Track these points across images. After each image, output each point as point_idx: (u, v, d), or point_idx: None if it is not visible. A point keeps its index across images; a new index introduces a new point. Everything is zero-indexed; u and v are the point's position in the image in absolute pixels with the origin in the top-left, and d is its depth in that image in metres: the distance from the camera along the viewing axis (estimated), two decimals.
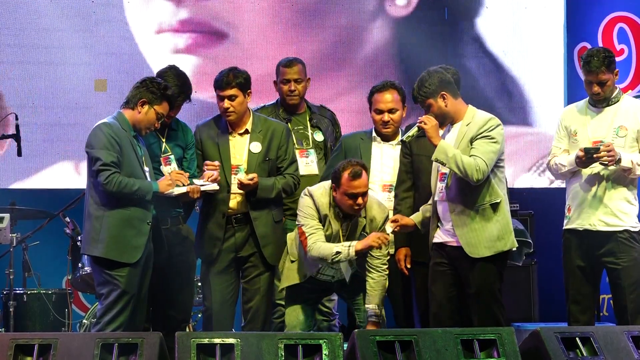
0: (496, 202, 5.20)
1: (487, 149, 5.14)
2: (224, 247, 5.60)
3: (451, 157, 5.09)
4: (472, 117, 5.26)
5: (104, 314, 5.17)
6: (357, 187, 5.28)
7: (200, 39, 7.84)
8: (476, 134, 5.17)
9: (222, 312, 5.60)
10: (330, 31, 7.98)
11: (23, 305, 6.79)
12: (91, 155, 5.21)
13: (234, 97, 5.58)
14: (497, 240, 5.19)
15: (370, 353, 4.53)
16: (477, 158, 5.10)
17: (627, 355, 4.73)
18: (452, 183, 5.19)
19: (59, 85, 7.74)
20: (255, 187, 5.50)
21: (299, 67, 6.15)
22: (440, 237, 5.28)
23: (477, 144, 5.16)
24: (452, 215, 5.19)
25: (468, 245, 5.16)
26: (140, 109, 5.29)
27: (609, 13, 8.19)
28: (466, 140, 5.19)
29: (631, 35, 8.17)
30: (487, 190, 5.20)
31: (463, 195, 5.17)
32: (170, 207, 5.52)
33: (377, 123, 5.83)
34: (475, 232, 5.17)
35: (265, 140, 5.67)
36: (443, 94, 5.22)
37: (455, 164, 5.08)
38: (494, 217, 5.19)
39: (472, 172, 5.08)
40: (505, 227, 5.23)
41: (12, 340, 4.52)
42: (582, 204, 5.56)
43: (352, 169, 5.28)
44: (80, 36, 7.80)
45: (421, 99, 5.22)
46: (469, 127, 5.22)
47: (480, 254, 5.16)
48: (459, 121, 5.26)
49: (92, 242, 5.21)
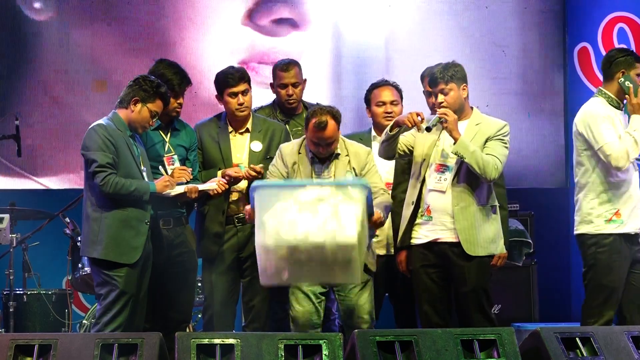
0: (494, 205, 5.28)
1: (502, 151, 5.23)
2: (226, 247, 5.60)
3: (472, 152, 5.11)
4: (481, 118, 5.31)
5: (103, 315, 5.17)
6: (320, 137, 5.25)
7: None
8: (494, 135, 5.24)
9: (223, 312, 5.61)
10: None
11: (23, 305, 6.78)
12: (87, 158, 5.21)
13: (246, 92, 5.62)
14: (491, 243, 5.25)
15: (370, 353, 4.53)
16: (495, 158, 5.16)
17: (627, 355, 4.73)
18: (460, 177, 5.20)
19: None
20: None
21: (296, 70, 6.11)
22: (425, 235, 5.27)
23: (493, 145, 5.21)
24: (454, 208, 5.19)
25: (467, 241, 5.17)
26: (134, 107, 5.28)
27: (609, 13, 8.18)
28: (480, 139, 5.22)
29: (631, 35, 8.17)
30: (489, 192, 5.26)
31: (470, 192, 5.20)
32: (170, 208, 5.52)
33: (378, 116, 5.86)
34: (475, 230, 5.19)
35: (266, 139, 5.68)
36: (464, 86, 5.27)
37: (476, 160, 5.11)
38: (491, 219, 5.25)
39: (491, 170, 5.12)
40: (499, 232, 5.32)
41: (12, 341, 4.52)
42: (635, 208, 5.48)
43: (317, 119, 5.24)
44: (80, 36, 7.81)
45: (447, 78, 5.20)
46: (479, 127, 5.26)
47: (476, 252, 5.19)
48: (465, 119, 5.29)
49: (90, 244, 5.21)
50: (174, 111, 5.59)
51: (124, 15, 7.85)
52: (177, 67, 5.65)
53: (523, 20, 8.29)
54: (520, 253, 7.06)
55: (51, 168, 7.77)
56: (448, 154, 5.24)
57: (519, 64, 8.28)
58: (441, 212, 5.24)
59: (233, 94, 5.62)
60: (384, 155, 5.39)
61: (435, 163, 5.28)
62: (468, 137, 5.21)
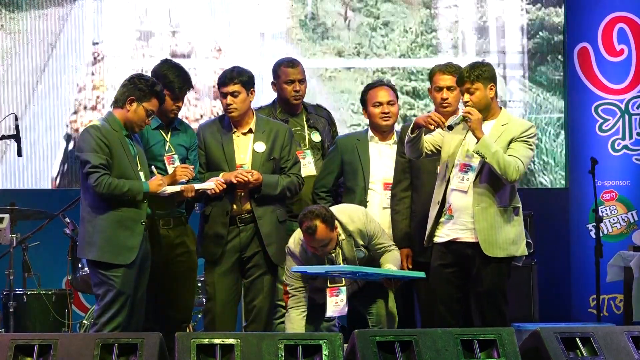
0: (517, 207, 5.24)
1: (526, 153, 5.18)
2: (228, 247, 5.59)
3: (494, 152, 5.08)
4: (508, 119, 5.27)
5: (101, 315, 5.16)
6: (312, 241, 5.32)
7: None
8: (518, 136, 5.19)
9: (225, 313, 5.59)
10: None
11: (23, 305, 6.78)
12: (81, 159, 5.21)
13: (236, 94, 5.58)
14: (512, 244, 5.19)
15: (370, 353, 4.53)
16: (517, 159, 5.12)
17: (627, 355, 4.73)
18: (482, 177, 5.17)
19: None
20: (257, 185, 5.50)
21: (301, 67, 6.13)
22: (446, 234, 5.25)
23: (517, 146, 5.17)
24: (475, 208, 5.16)
25: (485, 242, 5.14)
26: (129, 107, 5.26)
27: (609, 13, 8.19)
28: (505, 140, 5.18)
29: (631, 36, 8.18)
30: (512, 194, 5.22)
31: (491, 192, 5.16)
32: (170, 207, 5.52)
33: (375, 116, 5.84)
34: (494, 231, 5.15)
35: (269, 140, 5.66)
36: (492, 85, 5.22)
37: (497, 160, 5.07)
38: (513, 220, 5.20)
39: (512, 172, 5.08)
40: (521, 234, 5.25)
41: (12, 341, 4.52)
42: None
43: (306, 224, 5.30)
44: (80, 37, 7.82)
45: (473, 78, 5.17)
46: (505, 128, 5.22)
47: (495, 253, 5.15)
48: (492, 119, 5.25)
49: (86, 245, 5.21)
50: (172, 112, 5.58)
51: None
52: (180, 69, 5.63)
53: (523, 20, 8.29)
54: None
55: (51, 168, 7.78)
56: (472, 154, 5.18)
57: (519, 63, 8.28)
58: (462, 211, 5.20)
59: (223, 94, 5.62)
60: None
61: (459, 163, 5.24)
62: (493, 137, 5.17)
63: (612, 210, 8.20)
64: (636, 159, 8.22)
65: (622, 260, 7.49)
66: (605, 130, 8.23)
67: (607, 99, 8.23)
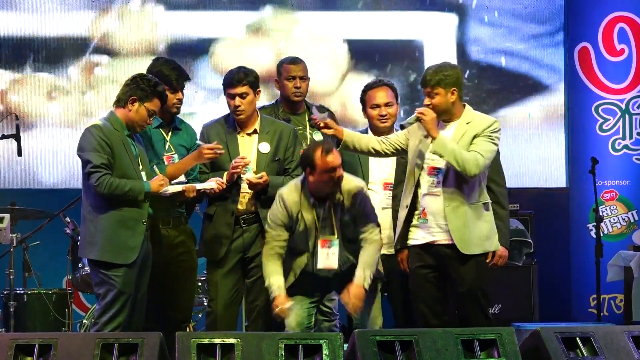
0: (487, 202, 5.27)
1: (487, 147, 5.19)
2: (232, 247, 5.59)
3: (450, 150, 5.11)
4: (472, 117, 5.29)
5: (102, 314, 5.16)
6: (332, 161, 5.24)
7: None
8: (481, 132, 5.21)
9: (227, 313, 5.59)
10: None
11: (23, 305, 6.78)
12: (82, 158, 5.20)
13: (245, 95, 5.58)
14: (486, 240, 5.24)
15: (370, 353, 4.53)
16: (476, 154, 5.14)
17: (627, 355, 4.74)
18: (449, 178, 5.20)
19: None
20: (264, 186, 5.51)
21: (303, 65, 6.14)
22: (423, 237, 5.27)
23: (479, 142, 5.19)
24: (446, 209, 5.19)
25: (460, 241, 5.17)
26: (131, 107, 5.26)
27: (609, 13, 8.20)
28: (469, 137, 5.20)
29: (631, 35, 8.18)
30: (480, 189, 5.24)
31: (459, 191, 5.19)
32: (170, 207, 5.52)
33: (374, 118, 5.84)
34: (468, 229, 5.18)
35: (274, 140, 5.66)
36: (454, 90, 5.23)
37: (454, 157, 5.10)
38: (484, 216, 5.24)
39: (471, 167, 5.10)
40: (493, 228, 5.29)
41: (13, 340, 4.52)
42: None
43: (321, 147, 5.26)
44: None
45: (434, 82, 5.20)
46: (469, 126, 5.24)
47: (471, 250, 5.18)
48: (455, 120, 5.27)
49: (87, 245, 5.21)
50: (174, 107, 5.57)
51: None
52: (173, 63, 5.64)
53: (523, 20, 8.30)
54: (520, 253, 7.07)
55: (51, 168, 7.79)
56: (437, 156, 5.22)
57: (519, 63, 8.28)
58: (436, 214, 5.23)
59: (230, 95, 5.62)
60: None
61: (427, 166, 5.27)
62: (457, 135, 5.20)
63: (613, 210, 8.21)
64: (636, 159, 8.23)
65: (622, 260, 7.50)
66: (605, 130, 8.23)
67: (607, 99, 8.23)
